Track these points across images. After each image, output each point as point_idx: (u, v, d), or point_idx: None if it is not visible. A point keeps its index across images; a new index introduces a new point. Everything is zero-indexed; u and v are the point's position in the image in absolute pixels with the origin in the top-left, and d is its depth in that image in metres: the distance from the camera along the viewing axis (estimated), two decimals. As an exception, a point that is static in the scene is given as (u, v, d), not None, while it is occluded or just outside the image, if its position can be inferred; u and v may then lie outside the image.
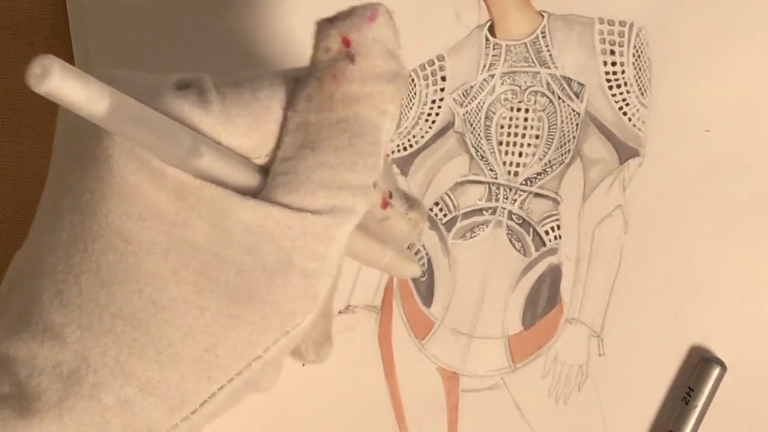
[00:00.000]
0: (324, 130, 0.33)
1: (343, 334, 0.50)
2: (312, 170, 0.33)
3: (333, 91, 0.33)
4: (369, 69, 0.33)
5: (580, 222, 0.50)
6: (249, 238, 0.32)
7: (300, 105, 0.34)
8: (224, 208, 0.32)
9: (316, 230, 0.33)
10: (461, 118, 0.51)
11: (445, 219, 0.51)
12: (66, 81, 0.26)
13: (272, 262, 0.33)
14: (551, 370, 0.50)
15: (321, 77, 0.34)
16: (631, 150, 0.50)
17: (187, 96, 0.33)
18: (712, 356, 0.49)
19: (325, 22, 0.34)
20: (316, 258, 0.33)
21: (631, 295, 0.50)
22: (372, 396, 0.50)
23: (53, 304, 0.33)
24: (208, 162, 0.32)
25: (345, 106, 0.33)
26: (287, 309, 0.33)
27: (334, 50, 0.34)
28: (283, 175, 0.33)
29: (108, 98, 0.28)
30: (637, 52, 0.51)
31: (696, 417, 0.49)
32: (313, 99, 0.34)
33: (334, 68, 0.33)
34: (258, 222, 0.32)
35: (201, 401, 0.34)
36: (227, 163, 0.33)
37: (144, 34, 0.51)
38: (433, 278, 0.51)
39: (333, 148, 0.33)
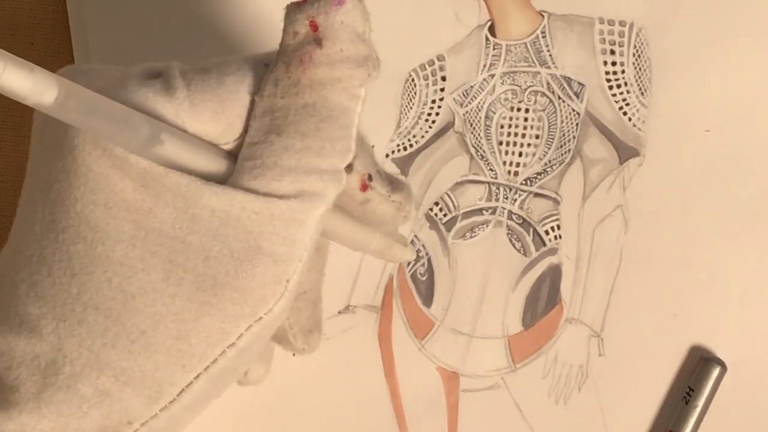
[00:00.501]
0: (290, 114, 0.33)
1: (343, 334, 0.50)
2: (278, 155, 0.33)
3: (300, 76, 0.33)
4: (337, 53, 0.33)
5: (580, 222, 0.50)
6: (216, 224, 0.32)
7: (267, 90, 0.34)
8: (189, 195, 0.32)
9: (283, 215, 0.33)
10: (461, 118, 0.51)
11: (445, 219, 0.51)
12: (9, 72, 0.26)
13: (240, 247, 0.32)
14: (551, 370, 0.50)
15: (288, 61, 0.33)
16: (631, 150, 0.50)
17: (152, 84, 0.33)
18: (712, 356, 0.49)
19: (293, 5, 0.34)
20: (285, 243, 0.33)
21: (631, 295, 0.50)
22: (372, 396, 0.50)
23: (29, 296, 0.33)
24: (170, 149, 0.32)
25: (312, 91, 0.33)
26: (257, 295, 0.33)
27: (301, 34, 0.34)
28: (249, 160, 0.33)
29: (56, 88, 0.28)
30: (637, 52, 0.51)
31: (696, 417, 0.49)
32: (279, 83, 0.33)
33: (301, 52, 0.33)
34: (224, 208, 0.32)
35: (178, 390, 0.34)
36: (191, 149, 0.33)
37: (144, 34, 0.51)
38: (433, 278, 0.51)
39: (299, 132, 0.33)
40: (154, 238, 0.32)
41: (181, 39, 0.51)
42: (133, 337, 0.33)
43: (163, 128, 0.32)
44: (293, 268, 0.33)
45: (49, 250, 0.33)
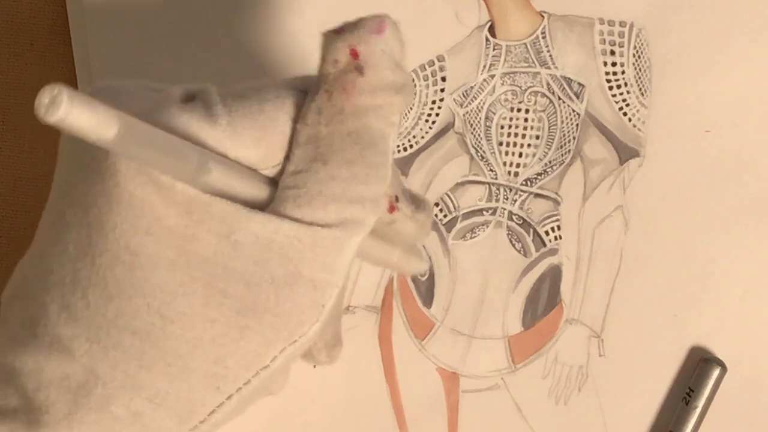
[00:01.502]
0: (335, 142, 0.33)
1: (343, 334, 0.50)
2: (323, 184, 0.33)
3: (343, 104, 0.33)
4: (378, 81, 0.33)
5: (580, 222, 0.50)
6: (258, 251, 0.33)
7: (310, 118, 0.34)
8: (233, 222, 0.32)
9: (326, 243, 0.33)
10: (461, 119, 0.51)
11: (446, 219, 0.51)
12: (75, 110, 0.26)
13: (281, 273, 0.33)
14: (551, 370, 0.50)
15: (330, 89, 0.34)
16: (631, 150, 0.50)
17: (193, 110, 0.33)
18: (712, 357, 0.49)
19: (332, 33, 0.34)
20: (325, 269, 0.33)
21: (631, 295, 0.50)
22: (372, 396, 0.50)
23: (60, 317, 0.33)
24: (217, 177, 0.32)
25: (355, 119, 0.33)
26: (295, 319, 0.33)
27: (342, 62, 0.34)
28: (293, 188, 0.33)
29: (117, 124, 0.28)
30: (637, 52, 0.51)
31: (696, 417, 0.49)
32: (323, 111, 0.34)
33: (344, 80, 0.33)
34: (267, 235, 0.32)
35: (209, 411, 0.34)
36: (235, 176, 0.33)
37: (144, 34, 0.51)
38: (433, 279, 0.51)
39: (345, 161, 0.33)
40: (196, 263, 0.32)
41: (181, 39, 0.51)
42: (170, 360, 0.33)
43: (210, 157, 0.32)
44: (330, 293, 0.34)
45: (84, 273, 0.33)
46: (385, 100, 0.34)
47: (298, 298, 0.33)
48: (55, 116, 0.26)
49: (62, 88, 0.26)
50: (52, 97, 0.26)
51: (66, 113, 0.26)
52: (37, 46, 0.52)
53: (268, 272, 0.33)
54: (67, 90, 0.26)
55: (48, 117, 0.26)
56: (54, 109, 0.26)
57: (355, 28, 0.34)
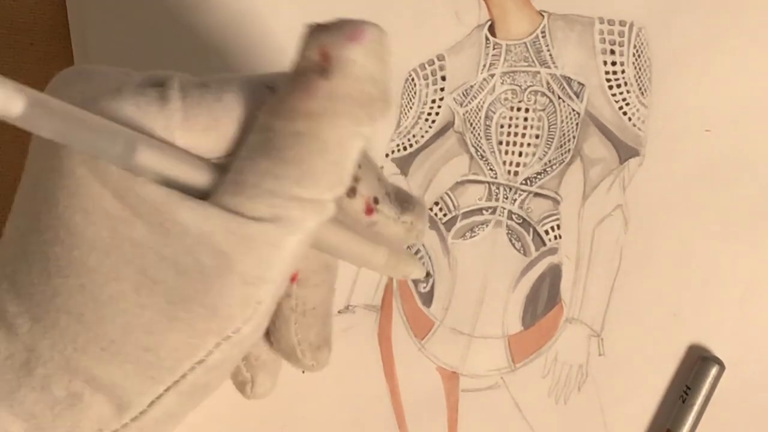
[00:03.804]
0: (280, 139, 0.32)
1: (343, 333, 0.50)
2: (259, 176, 0.32)
3: (298, 102, 0.32)
4: (341, 89, 0.32)
5: (580, 222, 0.50)
6: (189, 240, 0.32)
7: (268, 107, 0.33)
8: (164, 209, 0.32)
9: (256, 238, 0.32)
10: (461, 118, 0.51)
11: (445, 219, 0.51)
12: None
13: (211, 265, 0.32)
14: (551, 369, 0.50)
15: (293, 85, 0.33)
16: (631, 150, 0.50)
17: (147, 93, 0.33)
18: (710, 355, 0.49)
19: (312, 28, 0.33)
20: (257, 266, 0.32)
21: (631, 295, 0.50)
22: (372, 396, 0.50)
23: (9, 293, 0.33)
24: (149, 160, 0.32)
25: (306, 120, 0.32)
26: (224, 313, 0.33)
27: (311, 61, 0.32)
28: (235, 173, 0.33)
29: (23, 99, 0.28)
30: (637, 52, 0.51)
31: (693, 416, 0.49)
32: (280, 104, 0.33)
33: (307, 80, 0.32)
34: (197, 224, 0.32)
35: (148, 401, 0.34)
36: (173, 162, 0.32)
37: (143, 34, 0.51)
38: (433, 278, 0.51)
39: (283, 159, 0.32)
40: (129, 247, 0.32)
41: (181, 39, 0.51)
42: (103, 344, 0.33)
43: (141, 139, 0.32)
44: (265, 290, 0.33)
45: (31, 249, 0.33)
46: (345, 110, 0.32)
47: (226, 292, 0.32)
48: None
49: None
50: None
51: None
52: (37, 46, 0.52)
53: (199, 262, 0.32)
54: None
55: None
56: None
57: (333, 30, 0.32)
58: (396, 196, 0.38)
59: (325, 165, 0.32)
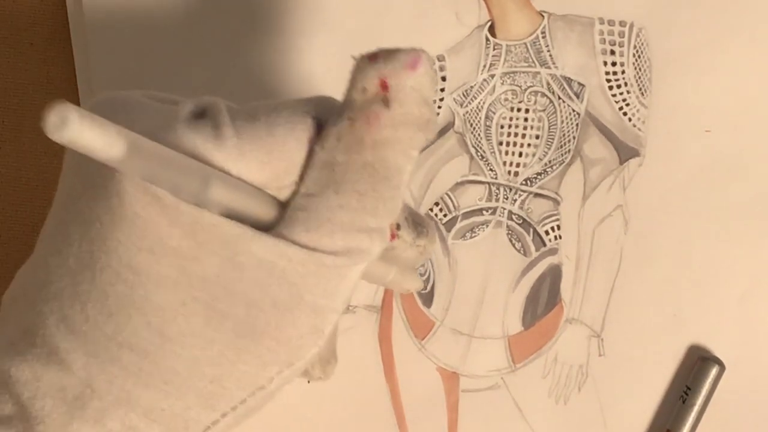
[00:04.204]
0: (350, 172, 0.33)
1: (343, 334, 0.50)
2: (333, 211, 0.33)
3: (364, 134, 0.33)
4: (403, 116, 0.33)
5: (580, 222, 0.50)
6: (261, 274, 0.32)
7: (328, 143, 0.33)
8: (238, 244, 0.32)
9: (329, 270, 0.33)
10: (461, 118, 0.51)
11: (445, 219, 0.51)
12: (85, 130, 0.26)
13: (283, 298, 0.33)
14: (551, 370, 0.50)
15: (354, 117, 0.33)
16: (631, 150, 0.50)
17: (201, 130, 0.33)
18: (710, 355, 0.49)
19: (365, 59, 0.34)
20: (326, 295, 0.33)
21: (631, 295, 0.50)
22: (372, 396, 0.50)
23: (59, 329, 0.33)
24: (221, 195, 0.32)
25: (374, 151, 0.33)
26: (295, 344, 0.33)
27: (370, 92, 0.33)
28: (303, 211, 0.33)
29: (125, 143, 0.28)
30: (637, 52, 0.51)
31: (694, 416, 0.49)
32: (342, 139, 0.33)
33: (369, 111, 0.33)
34: (271, 258, 0.32)
35: (203, 428, 0.34)
36: (241, 195, 0.33)
37: (143, 34, 0.51)
38: (433, 278, 0.51)
39: (357, 191, 0.33)
40: (198, 283, 0.32)
41: (181, 39, 0.51)
42: (168, 378, 0.33)
43: (214, 174, 0.32)
44: (330, 319, 0.33)
45: (84, 287, 0.33)
46: (406, 135, 0.33)
47: (298, 322, 0.33)
48: (65, 137, 0.26)
49: (71, 107, 0.26)
50: (61, 117, 0.26)
51: (75, 134, 0.26)
52: (37, 46, 0.52)
53: (270, 295, 0.32)
54: (76, 110, 0.26)
55: (57, 137, 0.26)
56: (63, 128, 0.26)
57: (389, 60, 0.33)
58: (413, 220, 0.39)
59: (390, 191, 0.33)
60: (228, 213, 0.32)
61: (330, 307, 0.33)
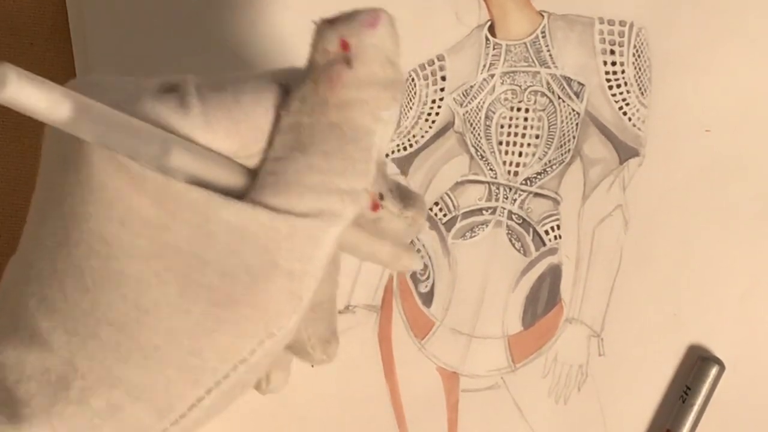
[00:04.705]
0: (316, 133, 0.33)
1: (343, 334, 0.50)
2: (301, 173, 0.33)
3: (328, 95, 0.33)
4: (366, 75, 0.33)
5: (580, 222, 0.50)
6: (232, 240, 0.32)
7: (293, 106, 0.33)
8: (207, 211, 0.32)
9: (301, 233, 0.32)
10: (461, 118, 0.51)
11: (445, 219, 0.51)
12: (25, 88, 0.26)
13: (256, 264, 0.32)
14: (551, 369, 0.50)
15: (316, 79, 0.33)
16: (631, 150, 0.50)
17: (167, 100, 0.33)
18: (710, 355, 0.49)
19: (325, 23, 0.34)
20: (302, 260, 0.33)
21: (631, 295, 0.50)
22: (372, 396, 0.50)
23: (39, 310, 0.33)
24: (184, 162, 0.32)
25: (339, 111, 0.33)
26: (272, 311, 0.33)
27: (331, 53, 0.33)
28: (271, 175, 0.33)
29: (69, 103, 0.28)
30: (637, 52, 0.51)
31: (693, 416, 0.49)
32: (307, 101, 0.33)
33: (331, 71, 0.33)
34: (242, 224, 0.32)
35: (189, 405, 0.34)
36: (207, 163, 0.32)
37: (143, 34, 0.51)
38: (433, 278, 0.51)
39: (323, 152, 0.33)
40: (170, 253, 0.32)
41: (181, 39, 0.51)
42: (147, 352, 0.33)
43: (176, 141, 0.32)
44: (308, 284, 0.33)
45: (61, 265, 0.33)
46: (371, 96, 0.33)
47: (274, 289, 0.33)
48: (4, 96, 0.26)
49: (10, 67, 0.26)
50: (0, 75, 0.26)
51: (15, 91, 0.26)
52: (37, 46, 0.52)
53: (243, 262, 0.32)
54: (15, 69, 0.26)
55: None
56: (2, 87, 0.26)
57: (349, 20, 0.33)
58: (398, 191, 0.39)
59: (360, 152, 0.33)
60: (196, 181, 0.32)
61: (306, 272, 0.33)
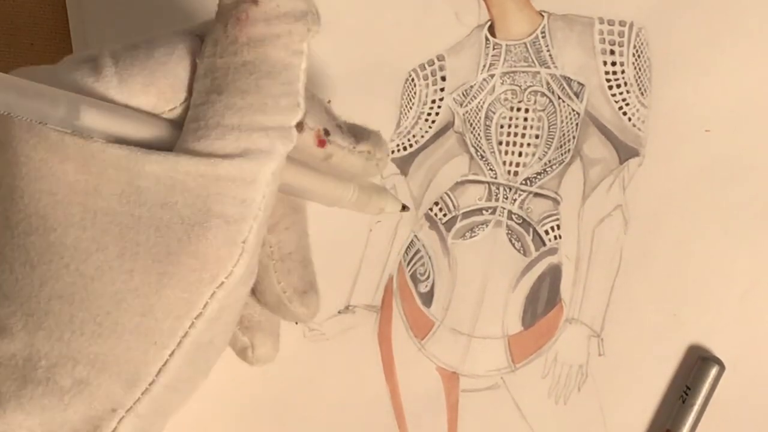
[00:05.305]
0: (230, 73, 0.33)
1: (343, 334, 0.50)
2: (220, 114, 0.32)
3: (237, 34, 0.33)
4: (273, 9, 0.33)
5: (580, 222, 0.50)
6: (162, 192, 0.32)
7: (207, 51, 0.33)
8: (131, 167, 0.32)
9: (230, 175, 0.32)
10: (461, 118, 0.51)
11: (445, 219, 0.51)
12: None
13: (189, 213, 0.32)
14: (551, 370, 0.50)
15: (225, 21, 0.33)
16: (631, 150, 0.50)
17: (81, 68, 0.33)
18: (710, 355, 0.49)
19: None
20: (235, 203, 0.32)
21: (631, 295, 0.50)
22: (372, 396, 0.50)
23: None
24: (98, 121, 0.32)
25: (250, 48, 0.33)
26: (214, 258, 0.33)
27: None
28: (192, 121, 0.33)
29: None
30: (637, 52, 0.51)
31: (693, 416, 0.49)
32: (218, 44, 0.33)
33: (238, 10, 0.33)
34: (168, 174, 0.32)
35: (155, 370, 0.33)
36: (126, 121, 0.32)
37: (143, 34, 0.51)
38: (433, 278, 0.51)
39: (240, 90, 0.32)
40: (103, 216, 0.32)
41: (181, 39, 0.51)
42: (99, 320, 0.32)
43: (84, 100, 0.32)
44: (248, 227, 0.33)
45: (8, 248, 0.33)
46: (282, 29, 0.33)
47: (211, 235, 0.32)
48: None
49: None
50: None
51: None
52: (37, 46, 0.52)
53: (177, 213, 0.32)
54: None
55: None
56: None
57: None
58: (348, 128, 0.38)
59: (280, 87, 0.33)
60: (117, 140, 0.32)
61: (244, 215, 0.33)
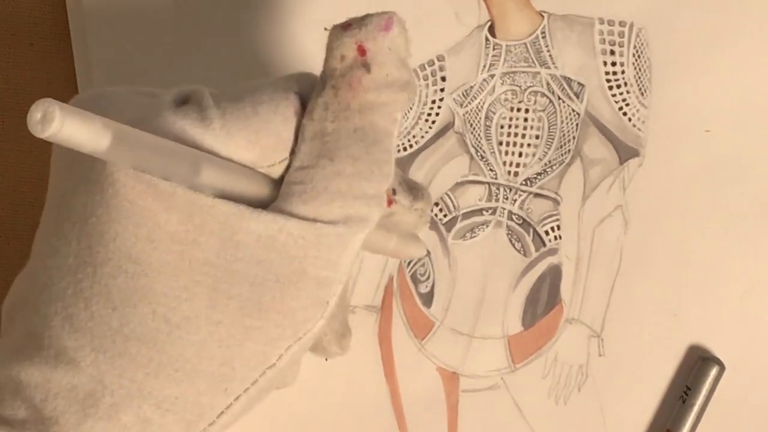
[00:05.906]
0: (341, 139, 0.33)
1: (344, 331, 0.50)
2: (329, 180, 0.33)
3: (349, 100, 0.34)
4: (383, 78, 0.34)
5: (580, 222, 0.50)
6: (261, 250, 0.33)
7: (316, 114, 0.34)
8: (234, 223, 0.32)
9: (330, 240, 0.33)
10: (461, 118, 0.51)
11: (445, 219, 0.51)
12: (68, 124, 0.27)
13: (285, 272, 0.33)
14: (551, 370, 0.50)
15: (336, 85, 0.34)
16: (631, 150, 0.50)
17: (187, 114, 0.33)
18: (710, 356, 0.49)
19: (338, 29, 0.34)
20: (328, 266, 0.33)
21: (631, 295, 0.50)
22: (372, 396, 0.50)
23: (64, 329, 0.33)
24: (212, 178, 0.32)
25: (361, 115, 0.33)
26: (300, 317, 0.33)
27: (349, 59, 0.34)
28: (299, 184, 0.33)
29: (109, 133, 0.28)
30: (637, 52, 0.51)
31: (693, 416, 0.49)
32: (329, 107, 0.34)
33: (350, 77, 0.34)
34: (270, 234, 0.33)
35: (218, 413, 0.34)
36: (233, 176, 0.33)
37: (144, 34, 0.51)
38: (433, 278, 0.51)
39: (350, 157, 0.33)
40: (199, 267, 0.32)
41: (181, 39, 0.51)
42: (177, 365, 0.33)
43: (204, 157, 0.32)
44: (334, 289, 0.34)
45: (86, 284, 0.33)
46: (389, 98, 0.34)
47: (302, 295, 0.33)
48: (48, 131, 0.26)
49: (53, 102, 0.26)
50: (44, 112, 0.26)
51: (59, 128, 0.26)
52: (37, 46, 0.52)
53: (272, 271, 0.33)
54: (58, 105, 0.26)
55: (41, 132, 0.26)
56: (47, 124, 0.26)
57: (363, 25, 0.34)
58: (406, 183, 0.39)
59: (383, 155, 0.34)
60: (221, 194, 0.32)
61: (333, 278, 0.33)
